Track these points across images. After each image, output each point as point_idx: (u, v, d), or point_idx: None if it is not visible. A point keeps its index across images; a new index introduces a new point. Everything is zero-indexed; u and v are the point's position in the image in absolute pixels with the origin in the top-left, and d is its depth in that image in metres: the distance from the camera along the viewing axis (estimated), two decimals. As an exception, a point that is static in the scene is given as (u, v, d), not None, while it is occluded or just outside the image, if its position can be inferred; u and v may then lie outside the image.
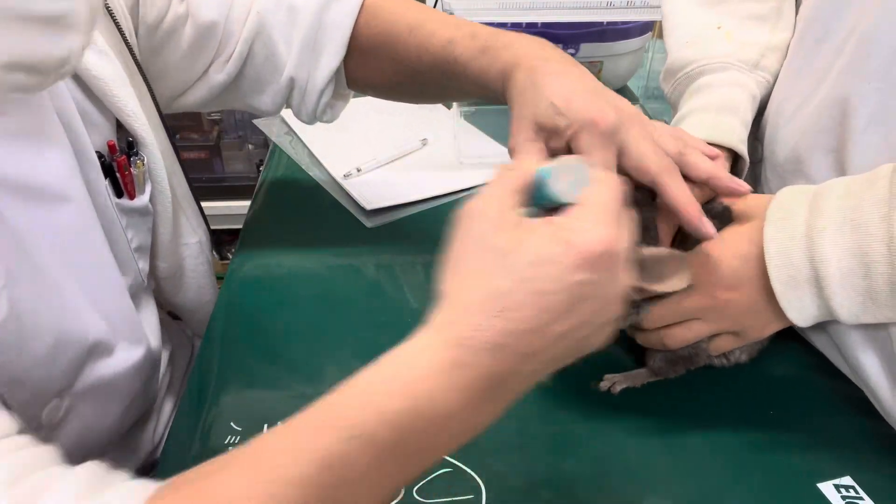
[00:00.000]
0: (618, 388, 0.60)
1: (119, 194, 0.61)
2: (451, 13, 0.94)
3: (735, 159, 0.62)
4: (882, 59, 0.53)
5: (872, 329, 0.53)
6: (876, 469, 0.53)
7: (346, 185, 0.91)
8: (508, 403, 0.38)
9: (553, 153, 0.52)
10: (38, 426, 0.53)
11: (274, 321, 0.69)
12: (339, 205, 0.88)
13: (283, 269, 0.75)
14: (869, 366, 0.54)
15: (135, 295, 0.64)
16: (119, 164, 0.60)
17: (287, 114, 1.11)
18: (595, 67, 1.11)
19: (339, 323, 0.68)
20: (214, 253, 0.77)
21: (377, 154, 0.97)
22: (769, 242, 0.50)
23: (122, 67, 0.60)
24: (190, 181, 0.71)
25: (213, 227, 0.77)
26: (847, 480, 0.52)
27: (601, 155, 0.50)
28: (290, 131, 1.06)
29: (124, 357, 0.60)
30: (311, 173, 0.95)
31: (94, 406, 0.58)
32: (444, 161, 0.98)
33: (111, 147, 0.60)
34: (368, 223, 0.84)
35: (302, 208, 0.87)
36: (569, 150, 0.52)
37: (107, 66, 0.58)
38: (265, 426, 0.56)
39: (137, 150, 0.62)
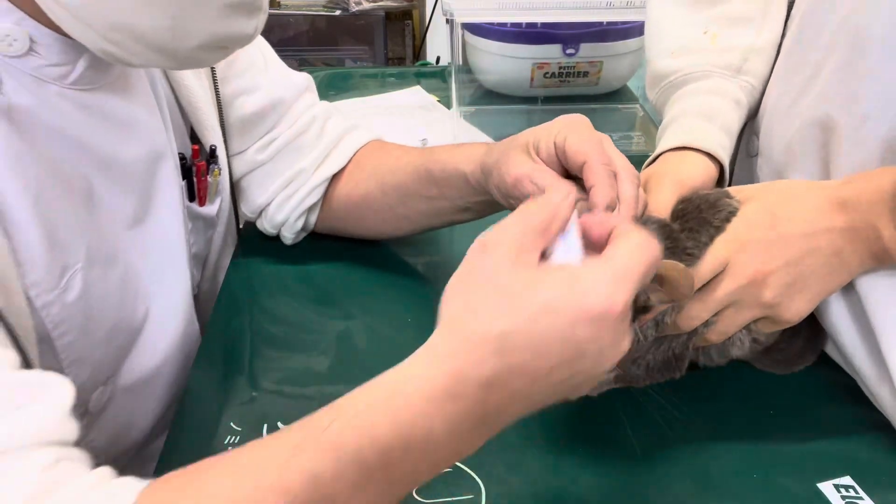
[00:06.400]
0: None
1: (191, 198, 0.64)
2: (452, 13, 0.93)
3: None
4: (874, 53, 0.53)
5: (859, 313, 0.53)
6: (876, 469, 0.53)
7: (346, 185, 0.91)
8: (491, 436, 0.38)
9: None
10: (84, 412, 0.54)
11: (274, 322, 0.69)
12: (339, 205, 0.88)
13: (284, 270, 0.75)
14: (852, 347, 0.55)
15: None
16: (198, 168, 0.63)
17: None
18: (595, 67, 1.11)
19: (339, 323, 0.68)
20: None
21: (377, 154, 0.97)
22: None
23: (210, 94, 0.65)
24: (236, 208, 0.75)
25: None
26: (847, 480, 0.52)
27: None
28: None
29: (163, 349, 0.61)
30: (311, 173, 0.95)
31: (132, 398, 0.60)
32: (444, 161, 0.98)
33: (194, 151, 0.64)
34: (368, 223, 0.84)
35: (302, 208, 0.87)
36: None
37: (196, 81, 0.63)
38: (265, 426, 0.56)
39: (217, 159, 0.66)
